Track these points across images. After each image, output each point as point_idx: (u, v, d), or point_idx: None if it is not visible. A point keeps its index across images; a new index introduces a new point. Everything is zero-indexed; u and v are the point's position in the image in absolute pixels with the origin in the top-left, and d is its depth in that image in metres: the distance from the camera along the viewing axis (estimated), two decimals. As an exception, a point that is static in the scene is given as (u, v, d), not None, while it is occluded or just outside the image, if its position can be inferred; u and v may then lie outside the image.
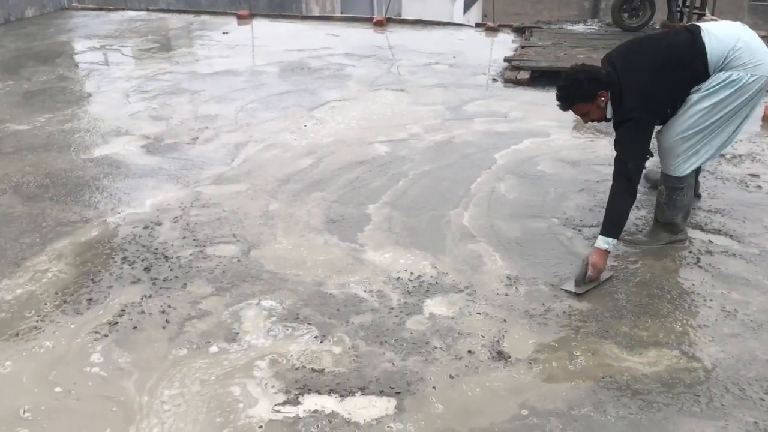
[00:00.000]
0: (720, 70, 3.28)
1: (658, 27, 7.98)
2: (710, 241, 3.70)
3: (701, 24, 3.49)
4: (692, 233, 3.77)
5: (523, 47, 7.39)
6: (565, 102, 3.46)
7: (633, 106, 3.32)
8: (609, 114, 3.42)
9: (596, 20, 8.72)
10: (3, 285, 3.35)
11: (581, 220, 3.95)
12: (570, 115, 5.52)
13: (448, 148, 5.01)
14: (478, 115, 5.67)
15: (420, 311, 3.12)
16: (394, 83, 6.57)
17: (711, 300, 3.20)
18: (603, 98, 3.37)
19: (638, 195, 3.54)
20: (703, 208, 4.05)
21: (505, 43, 8.13)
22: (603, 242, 3.30)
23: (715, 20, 8.53)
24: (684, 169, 3.52)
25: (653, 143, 3.46)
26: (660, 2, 7.90)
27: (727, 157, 4.77)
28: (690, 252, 3.61)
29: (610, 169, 3.41)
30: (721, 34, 3.31)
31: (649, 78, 3.33)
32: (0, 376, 2.73)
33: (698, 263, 3.51)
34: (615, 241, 3.33)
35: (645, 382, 2.68)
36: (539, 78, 6.55)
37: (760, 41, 3.35)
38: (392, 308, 3.14)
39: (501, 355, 2.83)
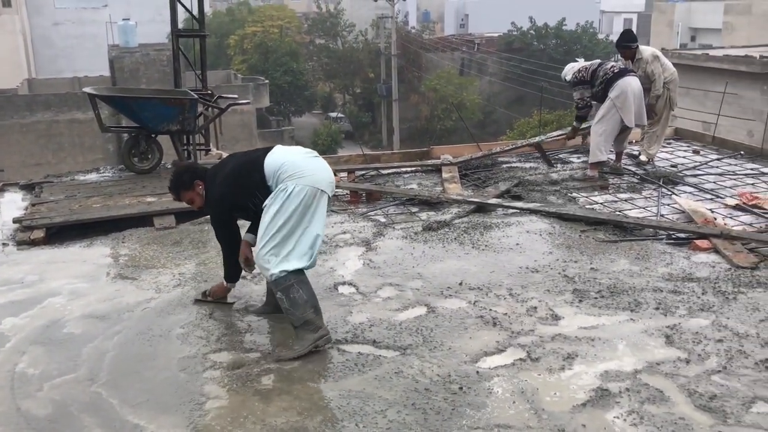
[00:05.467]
0: (276, 184, 3.97)
1: (170, 166, 8.40)
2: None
3: (275, 146, 4.19)
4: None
5: (34, 205, 7.00)
6: (174, 191, 4.32)
7: (214, 200, 4.19)
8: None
9: (109, 167, 8.79)
10: None
11: (111, 377, 3.81)
12: (95, 269, 5.44)
13: (-46, 334, 4.37)
14: (-11, 287, 5.11)
15: None
16: None
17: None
18: (200, 187, 4.23)
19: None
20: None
21: (15, 203, 7.57)
22: (224, 281, 4.52)
23: (221, 154, 9.43)
24: (279, 270, 3.91)
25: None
26: (166, 144, 8.36)
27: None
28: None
29: (137, 318, 3.38)
30: (278, 154, 4.08)
31: (226, 180, 4.13)
32: None
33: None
34: (232, 283, 4.52)
35: None
36: (56, 234, 6.25)
37: (313, 159, 4.09)
38: None
39: None
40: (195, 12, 9.37)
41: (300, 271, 3.99)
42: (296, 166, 3.99)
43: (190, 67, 9.85)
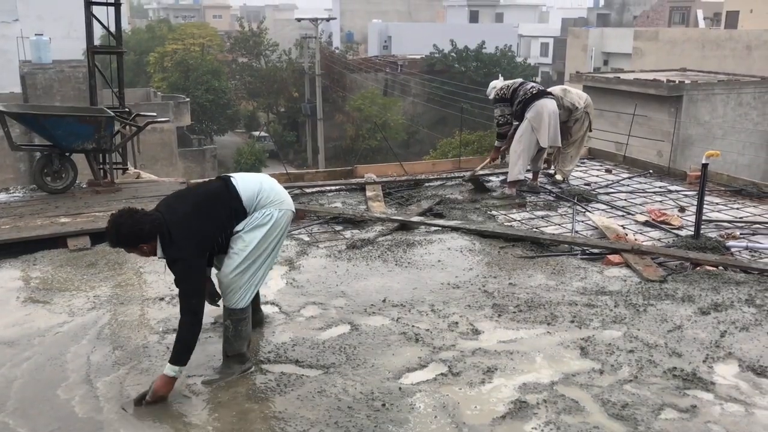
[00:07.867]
0: (255, 210, 3.81)
1: (85, 186, 8.13)
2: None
3: (231, 174, 4.00)
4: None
5: (-64, 226, 6.62)
6: (129, 244, 3.65)
7: (183, 247, 3.64)
8: (159, 254, 3.68)
9: (20, 187, 8.42)
10: None
11: (20, 405, 3.64)
12: (3, 293, 5.20)
13: None
14: None
15: None
16: None
17: None
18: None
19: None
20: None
21: None
22: (171, 370, 3.62)
23: (139, 173, 9.20)
24: (246, 300, 3.86)
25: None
26: (81, 163, 8.08)
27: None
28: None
29: (49, 343, 3.25)
30: (246, 180, 3.91)
31: (193, 219, 3.70)
32: None
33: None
34: (182, 368, 3.66)
35: None
36: (-40, 257, 5.94)
37: (278, 184, 3.99)
38: None
39: None
40: (112, 28, 9.15)
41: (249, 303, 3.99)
42: (274, 191, 3.93)
43: (107, 85, 9.59)
